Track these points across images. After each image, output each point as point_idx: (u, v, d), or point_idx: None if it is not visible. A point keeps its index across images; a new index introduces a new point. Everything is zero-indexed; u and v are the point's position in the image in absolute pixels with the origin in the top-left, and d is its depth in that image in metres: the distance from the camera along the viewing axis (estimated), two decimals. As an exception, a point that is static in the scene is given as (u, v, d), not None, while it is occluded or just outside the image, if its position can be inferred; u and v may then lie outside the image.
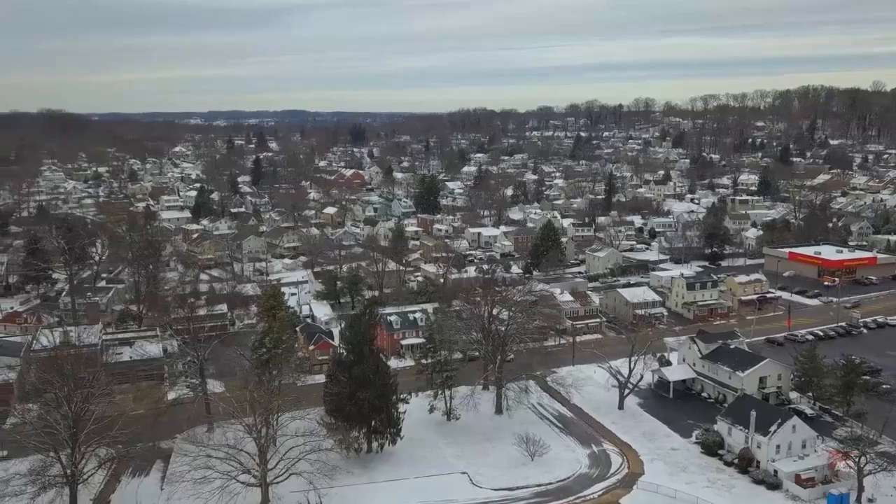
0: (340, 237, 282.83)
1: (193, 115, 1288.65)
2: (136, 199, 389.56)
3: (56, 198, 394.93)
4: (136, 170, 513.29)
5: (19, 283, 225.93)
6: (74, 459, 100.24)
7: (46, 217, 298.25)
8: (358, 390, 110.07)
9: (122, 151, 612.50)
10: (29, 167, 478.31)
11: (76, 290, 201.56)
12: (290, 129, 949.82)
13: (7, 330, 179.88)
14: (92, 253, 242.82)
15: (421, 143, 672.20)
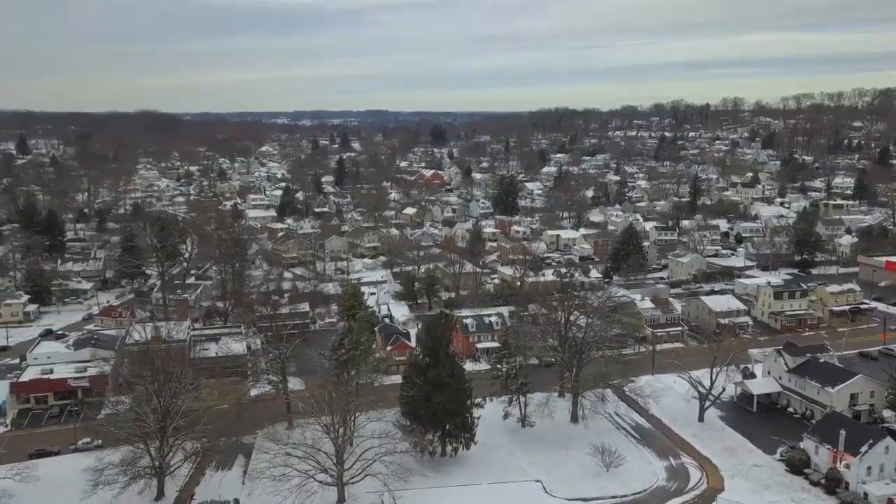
0: (419, 238, 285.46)
1: (280, 115, 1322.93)
2: (225, 198, 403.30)
3: (150, 196, 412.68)
4: (224, 169, 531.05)
5: (115, 278, 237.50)
6: (162, 452, 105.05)
7: (141, 215, 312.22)
8: (433, 394, 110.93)
9: (213, 151, 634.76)
10: (126, 166, 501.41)
11: (167, 286, 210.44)
12: (373, 129, 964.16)
13: (104, 323, 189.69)
14: (182, 250, 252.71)
15: (501, 143, 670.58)
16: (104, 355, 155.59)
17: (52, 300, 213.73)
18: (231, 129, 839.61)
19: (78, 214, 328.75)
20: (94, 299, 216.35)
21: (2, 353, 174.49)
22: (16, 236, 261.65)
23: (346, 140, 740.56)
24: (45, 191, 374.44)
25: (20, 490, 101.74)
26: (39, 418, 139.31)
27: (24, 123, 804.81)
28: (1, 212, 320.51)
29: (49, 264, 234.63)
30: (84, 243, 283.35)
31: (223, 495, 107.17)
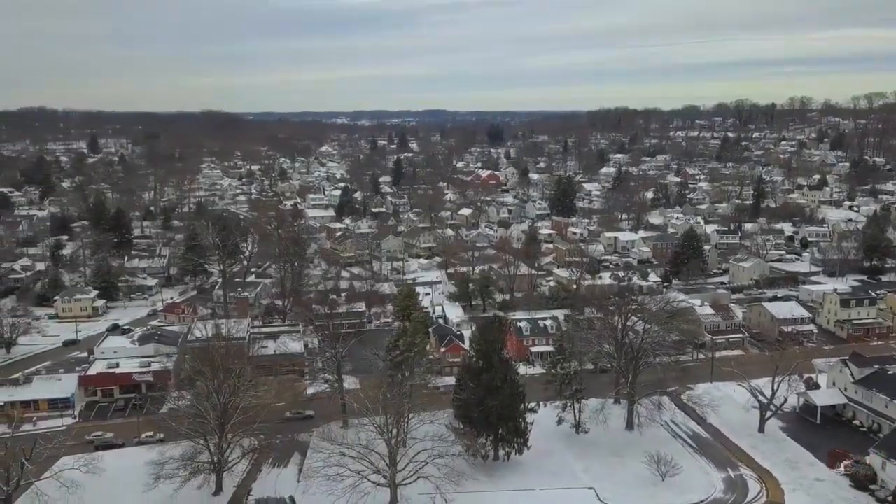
0: (474, 239, 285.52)
1: (339, 115, 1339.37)
2: (285, 197, 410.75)
3: (213, 194, 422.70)
4: (285, 168, 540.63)
5: (179, 275, 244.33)
6: (221, 448, 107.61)
7: (204, 213, 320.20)
8: (486, 398, 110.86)
9: (274, 150, 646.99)
10: (191, 165, 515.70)
11: (228, 284, 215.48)
12: (431, 128, 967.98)
13: (167, 319, 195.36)
14: (243, 248, 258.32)
15: (559, 143, 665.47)
16: (167, 351, 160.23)
17: (119, 296, 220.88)
18: (292, 129, 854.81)
19: (144, 212, 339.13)
20: (159, 296, 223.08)
21: (72, 346, 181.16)
22: (86, 233, 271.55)
23: (403, 140, 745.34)
24: (114, 189, 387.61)
25: (87, 481, 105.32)
26: (106, 411, 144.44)
27: (95, 123, 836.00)
28: (73, 209, 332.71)
29: (117, 261, 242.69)
30: (150, 241, 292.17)
31: (279, 492, 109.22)
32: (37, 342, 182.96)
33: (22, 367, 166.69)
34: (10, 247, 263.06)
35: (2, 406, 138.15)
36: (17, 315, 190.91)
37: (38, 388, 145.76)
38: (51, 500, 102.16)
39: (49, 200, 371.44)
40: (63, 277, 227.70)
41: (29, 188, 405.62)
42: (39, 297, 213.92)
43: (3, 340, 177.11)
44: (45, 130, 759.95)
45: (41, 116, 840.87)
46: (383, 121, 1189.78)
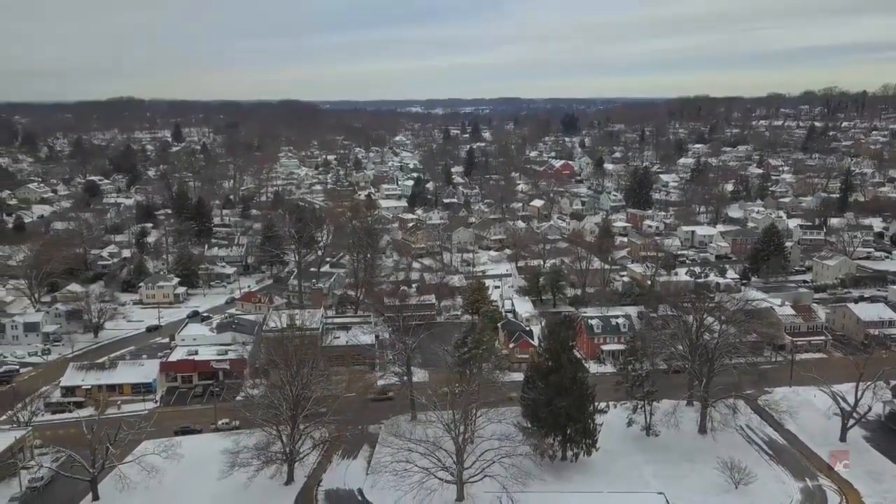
0: (546, 231, 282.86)
1: (413, 104, 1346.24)
2: (360, 188, 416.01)
3: (290, 183, 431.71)
4: (360, 158, 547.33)
5: (256, 264, 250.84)
6: (293, 439, 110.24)
7: (281, 203, 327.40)
8: (554, 398, 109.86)
9: (350, 140, 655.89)
10: (269, 154, 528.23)
11: (302, 274, 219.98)
12: (504, 117, 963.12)
13: (244, 308, 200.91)
14: (318, 238, 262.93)
15: (635, 133, 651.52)
16: (243, 339, 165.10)
17: (199, 283, 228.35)
18: (367, 118, 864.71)
19: (224, 201, 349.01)
20: (237, 284, 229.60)
21: (155, 332, 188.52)
22: (169, 221, 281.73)
23: (476, 129, 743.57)
24: (196, 178, 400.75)
25: (166, 466, 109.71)
26: (185, 396, 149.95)
27: (179, 112, 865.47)
28: (157, 197, 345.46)
29: (197, 249, 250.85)
30: (229, 229, 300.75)
31: (348, 484, 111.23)
32: (122, 327, 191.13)
33: (108, 351, 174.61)
34: (99, 234, 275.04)
35: (89, 389, 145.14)
36: (104, 300, 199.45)
37: (122, 372, 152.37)
38: (132, 483, 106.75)
39: (135, 189, 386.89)
40: (147, 264, 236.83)
41: (117, 177, 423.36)
42: (125, 284, 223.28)
43: (92, 325, 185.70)
44: (133, 120, 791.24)
45: (129, 106, 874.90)
46: (457, 109, 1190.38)
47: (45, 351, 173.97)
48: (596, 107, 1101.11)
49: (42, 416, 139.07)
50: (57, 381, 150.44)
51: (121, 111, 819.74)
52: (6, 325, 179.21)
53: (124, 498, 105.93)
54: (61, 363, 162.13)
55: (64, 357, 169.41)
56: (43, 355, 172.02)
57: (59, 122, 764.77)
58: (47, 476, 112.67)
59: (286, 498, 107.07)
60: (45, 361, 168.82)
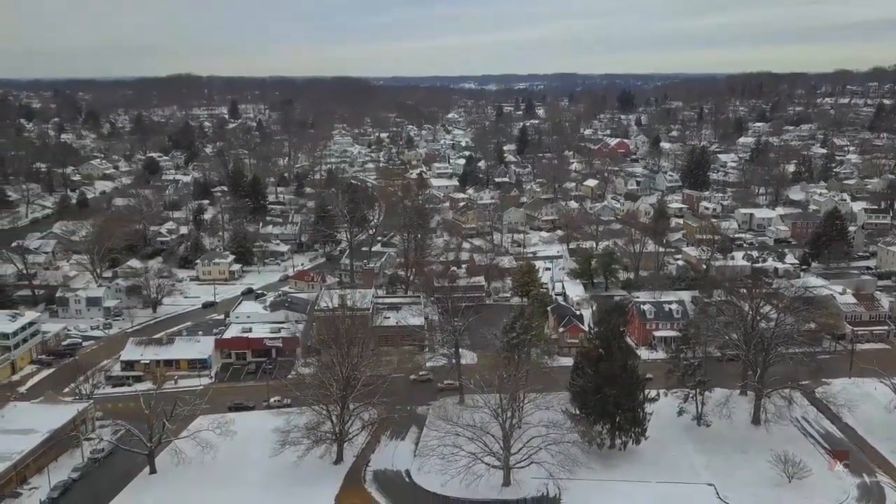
0: (599, 212, 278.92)
1: (467, 80, 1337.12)
2: (411, 166, 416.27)
3: (343, 161, 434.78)
4: (412, 136, 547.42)
5: (309, 242, 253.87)
6: (343, 419, 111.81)
7: (334, 181, 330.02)
8: (604, 386, 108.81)
9: (402, 117, 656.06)
10: (323, 131, 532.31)
11: (354, 253, 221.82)
12: (559, 93, 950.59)
13: (297, 286, 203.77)
14: (370, 217, 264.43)
15: (694, 110, 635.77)
16: (296, 318, 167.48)
17: (254, 261, 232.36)
18: (420, 95, 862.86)
19: (279, 178, 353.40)
20: (290, 262, 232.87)
21: (210, 308, 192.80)
22: (225, 199, 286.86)
23: (530, 106, 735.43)
24: (251, 155, 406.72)
25: (219, 442, 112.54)
26: (238, 373, 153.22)
27: (236, 89, 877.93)
28: (213, 174, 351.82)
29: (252, 227, 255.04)
30: (283, 207, 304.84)
31: (396, 465, 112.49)
32: (179, 303, 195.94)
33: (165, 326, 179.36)
34: (158, 210, 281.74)
35: (147, 364, 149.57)
36: (162, 276, 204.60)
37: (179, 348, 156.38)
38: (187, 458, 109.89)
39: (193, 166, 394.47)
40: (204, 241, 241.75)
41: (175, 153, 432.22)
42: (182, 260, 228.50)
43: (151, 301, 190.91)
44: (191, 97, 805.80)
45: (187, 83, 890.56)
46: (511, 85, 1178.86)
47: (106, 325, 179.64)
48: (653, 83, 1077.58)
49: (103, 389, 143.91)
50: (117, 356, 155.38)
51: (179, 88, 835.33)
52: (70, 300, 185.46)
53: (180, 472, 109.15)
54: (121, 337, 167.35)
55: (124, 331, 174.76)
56: (104, 329, 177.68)
57: (121, 98, 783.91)
58: (108, 448, 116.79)
59: (335, 477, 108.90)
60: (107, 335, 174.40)
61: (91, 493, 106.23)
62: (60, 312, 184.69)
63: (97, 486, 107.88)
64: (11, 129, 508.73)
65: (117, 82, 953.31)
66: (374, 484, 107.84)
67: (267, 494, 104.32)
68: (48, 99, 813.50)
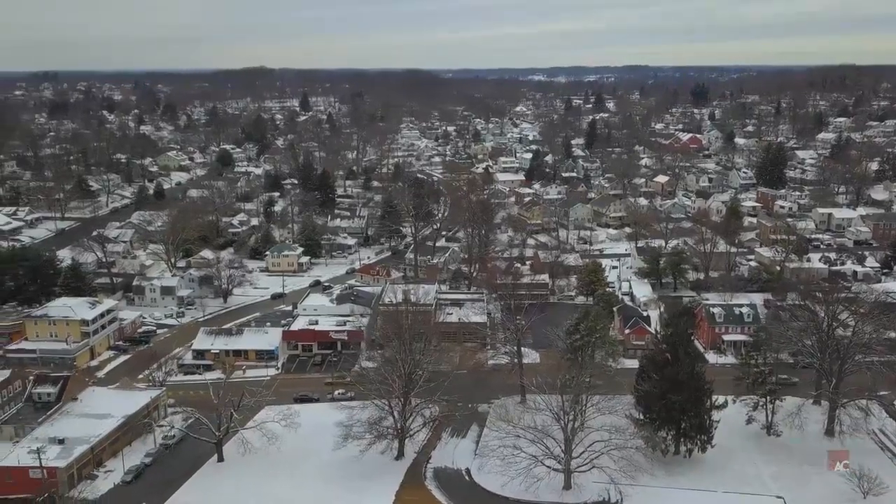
0: (669, 209, 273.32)
1: (536, 72, 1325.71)
2: (477, 160, 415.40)
3: (410, 155, 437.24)
4: (479, 129, 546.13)
5: (376, 236, 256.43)
6: (404, 415, 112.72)
7: (401, 175, 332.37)
8: (669, 391, 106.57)
9: (470, 110, 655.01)
10: (391, 124, 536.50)
11: (419, 248, 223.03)
12: (630, 86, 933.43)
13: (362, 279, 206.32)
14: (435, 212, 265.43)
15: (771, 104, 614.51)
16: (361, 311, 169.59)
17: (322, 253, 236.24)
18: (488, 88, 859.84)
19: (347, 172, 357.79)
20: (357, 255, 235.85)
21: (279, 299, 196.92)
22: (295, 191, 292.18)
23: (600, 99, 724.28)
24: (321, 148, 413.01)
25: (284, 433, 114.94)
26: (304, 365, 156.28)
27: (307, 82, 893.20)
28: (284, 167, 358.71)
29: (321, 219, 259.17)
30: (351, 200, 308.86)
31: (456, 463, 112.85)
32: (249, 294, 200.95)
33: (236, 316, 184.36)
34: (231, 202, 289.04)
35: (217, 353, 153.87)
36: (233, 267, 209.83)
37: (248, 339, 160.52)
38: (253, 449, 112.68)
39: (264, 158, 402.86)
40: (274, 233, 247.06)
41: (248, 145, 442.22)
42: (253, 251, 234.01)
43: (222, 291, 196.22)
44: (264, 89, 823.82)
45: (260, 75, 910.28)
46: (580, 77, 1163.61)
47: (179, 314, 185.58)
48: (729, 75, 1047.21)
49: (175, 376, 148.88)
50: (189, 344, 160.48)
51: (253, 80, 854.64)
52: (146, 288, 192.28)
53: (246, 461, 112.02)
54: (193, 326, 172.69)
55: (196, 320, 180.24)
56: (177, 318, 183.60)
57: (197, 90, 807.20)
58: (178, 436, 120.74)
59: (396, 472, 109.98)
60: (180, 324, 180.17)
61: (162, 478, 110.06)
62: (136, 300, 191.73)
63: (168, 472, 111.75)
64: (94, 120, 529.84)
65: (194, 74, 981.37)
66: (435, 481, 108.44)
67: (329, 487, 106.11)
68: (129, 91, 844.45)
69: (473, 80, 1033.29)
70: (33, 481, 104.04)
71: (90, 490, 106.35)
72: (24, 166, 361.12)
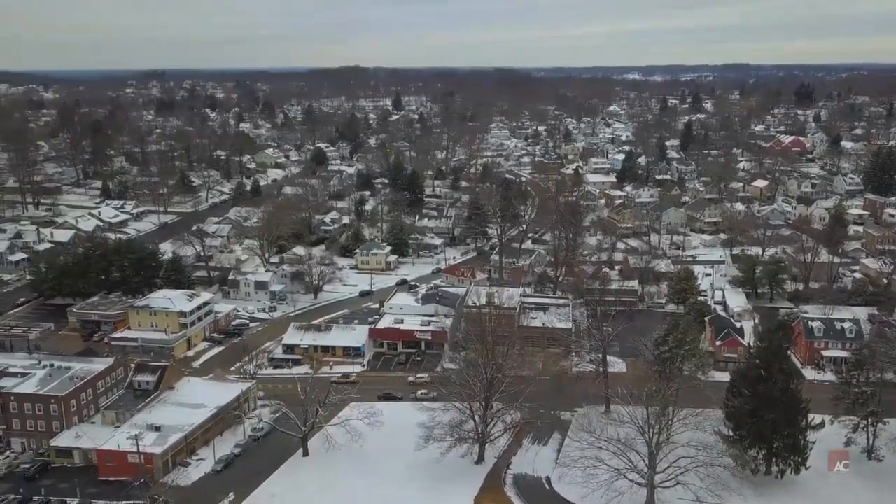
0: (767, 215, 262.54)
1: (631, 70, 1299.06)
2: (567, 161, 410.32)
3: (499, 155, 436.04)
4: (570, 129, 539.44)
5: (462, 236, 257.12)
6: (485, 419, 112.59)
7: (489, 175, 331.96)
8: (761, 409, 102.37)
9: (561, 110, 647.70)
10: (482, 124, 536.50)
11: (504, 250, 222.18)
12: (729, 85, 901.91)
13: (447, 280, 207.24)
14: (522, 213, 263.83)
15: (882, 106, 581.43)
16: (445, 312, 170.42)
17: (409, 252, 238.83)
18: (580, 87, 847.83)
19: (436, 172, 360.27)
20: (443, 255, 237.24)
21: (366, 297, 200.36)
22: (385, 191, 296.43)
23: (697, 99, 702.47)
24: (412, 147, 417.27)
25: (367, 431, 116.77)
26: (389, 363, 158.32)
27: (400, 81, 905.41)
28: (375, 166, 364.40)
29: (409, 219, 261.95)
30: (439, 200, 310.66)
31: (536, 471, 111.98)
32: (338, 290, 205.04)
33: (325, 312, 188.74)
34: (323, 200, 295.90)
35: (306, 349, 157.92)
36: (324, 264, 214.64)
37: (336, 335, 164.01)
38: (337, 445, 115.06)
39: (357, 157, 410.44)
40: (363, 231, 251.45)
41: (341, 144, 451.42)
42: (343, 249, 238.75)
43: (312, 287, 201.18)
44: (358, 88, 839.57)
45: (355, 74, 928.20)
46: (677, 76, 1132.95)
47: (271, 308, 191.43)
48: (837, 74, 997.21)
49: (265, 369, 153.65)
50: (279, 338, 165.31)
51: (348, 79, 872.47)
52: (240, 283, 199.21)
53: (330, 457, 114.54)
54: (284, 321, 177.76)
55: (287, 315, 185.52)
56: (269, 312, 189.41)
57: (295, 89, 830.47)
58: (266, 429, 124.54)
59: (476, 477, 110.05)
60: (271, 318, 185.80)
61: (250, 469, 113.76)
62: (231, 294, 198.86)
63: (255, 463, 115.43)
64: (198, 118, 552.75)
65: (292, 73, 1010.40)
66: (514, 488, 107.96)
67: (410, 488, 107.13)
68: (231, 89, 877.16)
69: (566, 78, 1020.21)
70: (131, 465, 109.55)
71: (182, 477, 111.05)
72: (132, 161, 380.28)
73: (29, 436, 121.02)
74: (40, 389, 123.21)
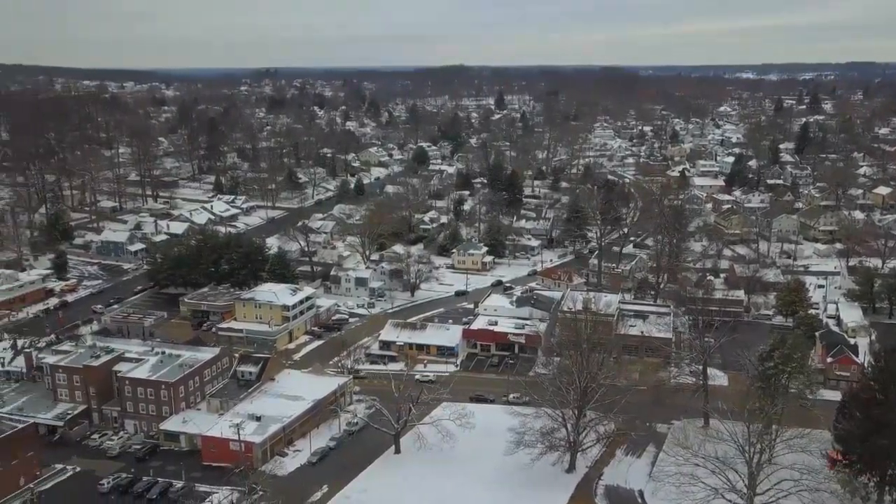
0: (889, 225, 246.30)
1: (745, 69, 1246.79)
2: (674, 162, 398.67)
3: (602, 155, 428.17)
4: (678, 130, 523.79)
5: (560, 238, 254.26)
6: (577, 428, 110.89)
7: (590, 176, 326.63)
8: (874, 433, 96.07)
9: (668, 110, 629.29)
10: (585, 123, 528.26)
11: (603, 253, 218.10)
12: (853, 85, 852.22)
13: (543, 282, 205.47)
14: (623, 215, 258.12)
15: None
16: (540, 316, 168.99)
17: (505, 253, 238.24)
18: (689, 86, 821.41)
19: (536, 172, 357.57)
20: (539, 257, 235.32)
21: (462, 297, 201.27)
22: (483, 191, 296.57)
23: (815, 99, 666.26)
24: (513, 147, 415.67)
25: (458, 432, 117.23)
26: (482, 364, 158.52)
27: (503, 80, 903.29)
28: (475, 166, 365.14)
29: (506, 220, 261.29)
30: (538, 201, 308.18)
31: (629, 483, 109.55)
32: (434, 289, 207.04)
33: (421, 310, 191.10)
34: (423, 199, 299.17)
35: (401, 346, 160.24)
36: (422, 262, 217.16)
37: (430, 334, 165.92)
38: (429, 444, 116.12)
39: (457, 156, 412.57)
40: (461, 231, 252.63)
41: (443, 143, 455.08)
42: (440, 248, 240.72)
43: (410, 285, 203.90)
44: (461, 87, 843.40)
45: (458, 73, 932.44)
46: (795, 75, 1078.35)
47: (370, 304, 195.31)
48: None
49: (361, 365, 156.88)
50: (376, 334, 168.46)
51: (452, 78, 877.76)
52: (341, 278, 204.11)
53: (421, 456, 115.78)
54: (382, 318, 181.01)
55: (384, 312, 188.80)
56: (368, 308, 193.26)
57: (400, 88, 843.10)
58: (360, 424, 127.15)
59: (566, 485, 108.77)
60: (370, 314, 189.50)
61: (343, 463, 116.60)
62: (333, 289, 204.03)
63: (349, 458, 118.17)
64: (306, 116, 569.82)
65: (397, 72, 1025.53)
66: (605, 500, 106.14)
67: (498, 492, 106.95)
68: (338, 88, 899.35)
69: (675, 77, 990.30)
70: (232, 453, 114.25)
71: (279, 467, 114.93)
72: (243, 158, 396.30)
73: (140, 418, 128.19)
74: (152, 375, 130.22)
